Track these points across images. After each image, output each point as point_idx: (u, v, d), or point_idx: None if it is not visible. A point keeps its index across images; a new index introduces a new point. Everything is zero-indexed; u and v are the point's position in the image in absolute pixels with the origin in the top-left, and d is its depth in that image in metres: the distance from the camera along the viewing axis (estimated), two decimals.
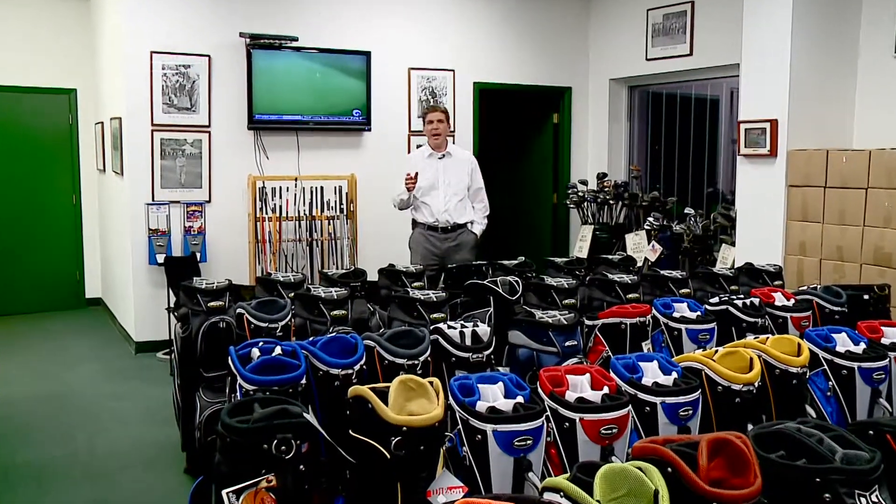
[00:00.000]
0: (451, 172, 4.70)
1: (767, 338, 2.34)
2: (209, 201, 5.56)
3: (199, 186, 5.53)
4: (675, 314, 2.74)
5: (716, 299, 2.94)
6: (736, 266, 4.18)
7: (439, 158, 4.70)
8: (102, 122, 6.30)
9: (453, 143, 4.94)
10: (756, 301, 2.89)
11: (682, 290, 3.39)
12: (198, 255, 5.38)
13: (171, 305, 4.94)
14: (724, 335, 2.75)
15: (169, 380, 4.26)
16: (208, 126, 5.52)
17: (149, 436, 3.81)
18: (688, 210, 5.56)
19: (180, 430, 3.22)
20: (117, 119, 5.58)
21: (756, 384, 2.06)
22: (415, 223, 4.75)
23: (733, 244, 5.02)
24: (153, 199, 5.39)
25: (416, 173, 4.56)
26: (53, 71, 6.56)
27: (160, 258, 5.28)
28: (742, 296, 2.97)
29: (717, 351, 2.20)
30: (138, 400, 4.41)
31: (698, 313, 2.77)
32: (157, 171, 5.39)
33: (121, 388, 4.66)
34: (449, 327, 2.39)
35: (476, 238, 4.78)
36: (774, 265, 3.76)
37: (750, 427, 1.93)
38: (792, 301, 2.99)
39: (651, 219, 5.72)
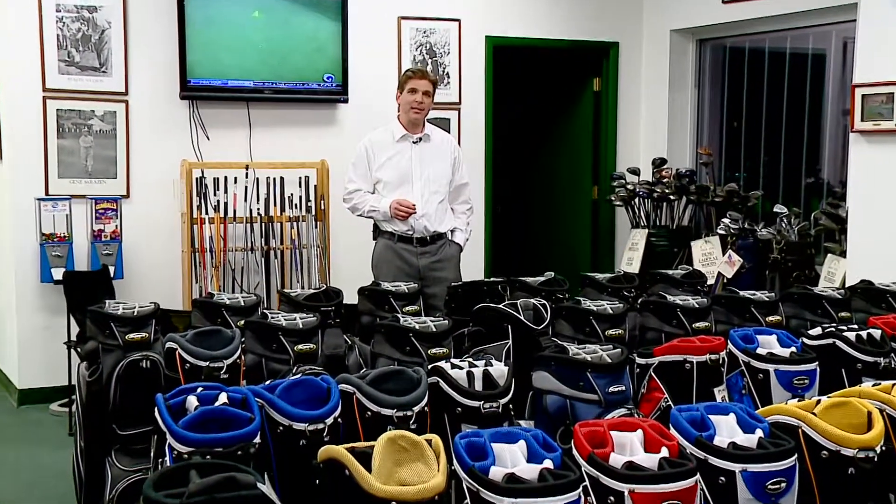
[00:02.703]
0: (430, 162, 4.68)
1: (894, 384, 2.35)
2: (127, 196, 5.59)
3: (113, 176, 5.56)
4: (761, 350, 2.75)
5: (818, 330, 2.94)
6: (847, 285, 4.19)
7: (414, 143, 4.67)
8: None
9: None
10: (876, 333, 2.89)
11: (771, 318, 3.40)
12: (111, 269, 5.40)
13: (74, 339, 4.95)
14: (831, 380, 2.76)
15: (68, 441, 4.26)
16: (125, 93, 5.56)
17: None
18: (778, 208, 5.58)
19: None
20: None
21: (878, 449, 2.06)
22: (378, 231, 4.72)
23: (843, 254, 5.03)
24: (47, 193, 5.41)
25: (414, 205, 4.52)
26: None
27: (57, 274, 5.29)
28: (856, 326, 2.97)
29: (819, 401, 2.20)
30: (21, 470, 4.40)
31: (793, 349, 2.78)
32: (53, 154, 5.41)
33: None
34: (453, 367, 2.40)
35: (461, 251, 4.82)
36: None
37: None
38: None
39: (727, 220, 5.74)
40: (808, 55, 6.22)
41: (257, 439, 2.02)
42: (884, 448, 2.08)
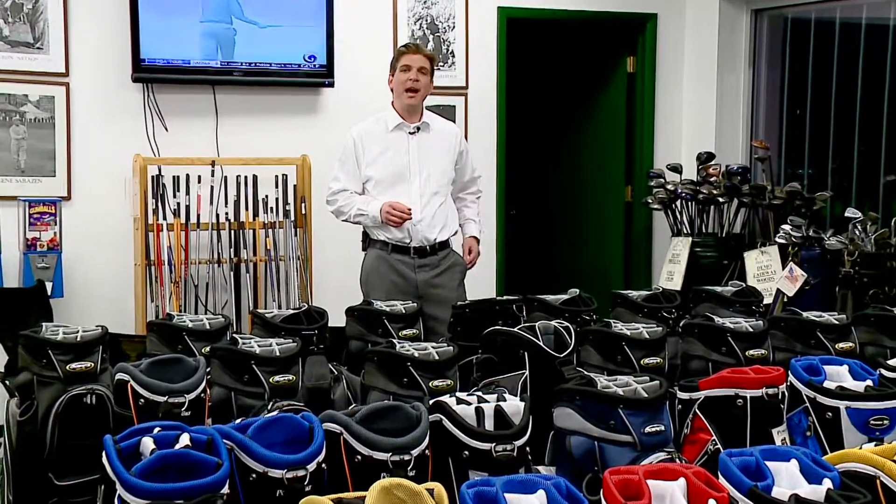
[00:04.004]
0: (430, 156, 4.71)
1: None
2: (68, 198, 5.61)
3: (51, 174, 5.58)
4: (829, 384, 2.75)
5: None
6: None
7: (411, 133, 4.71)
8: None
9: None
10: None
11: (841, 345, 3.40)
12: (48, 285, 5.41)
13: (2, 369, 4.96)
14: None
15: None
16: (65, 75, 5.58)
17: None
18: (851, 212, 5.58)
19: None
20: None
21: None
22: (369, 240, 4.75)
23: None
24: None
25: (410, 209, 4.55)
26: None
27: None
28: None
29: None
30: None
31: (868, 383, 2.78)
32: None
33: None
34: (459, 402, 2.41)
35: (478, 243, 4.87)
36: None
37: None
38: None
39: (788, 227, 5.74)
40: (888, 27, 6.20)
41: (226, 489, 2.02)
42: None
